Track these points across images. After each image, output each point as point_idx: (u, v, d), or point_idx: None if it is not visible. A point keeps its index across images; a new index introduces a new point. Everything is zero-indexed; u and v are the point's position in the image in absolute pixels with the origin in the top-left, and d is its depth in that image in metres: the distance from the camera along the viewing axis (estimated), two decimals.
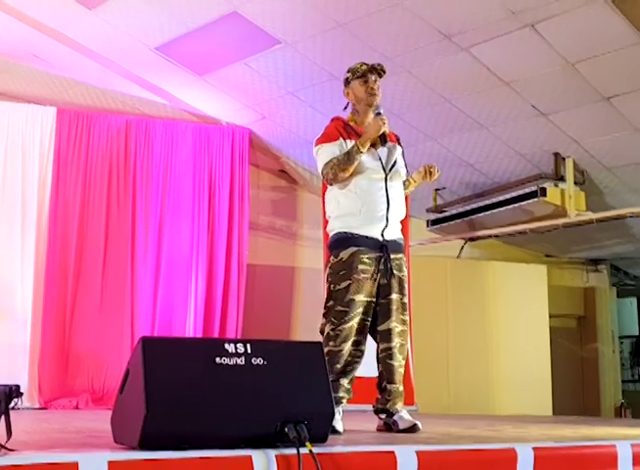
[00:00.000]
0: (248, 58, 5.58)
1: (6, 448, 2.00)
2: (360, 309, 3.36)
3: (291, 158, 7.17)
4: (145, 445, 2.07)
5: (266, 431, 2.18)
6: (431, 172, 3.57)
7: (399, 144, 3.63)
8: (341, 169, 3.36)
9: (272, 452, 2.11)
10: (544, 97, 5.57)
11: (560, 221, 6.60)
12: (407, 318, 3.48)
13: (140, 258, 6.34)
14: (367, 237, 3.39)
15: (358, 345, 3.41)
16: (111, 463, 1.92)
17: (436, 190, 7.27)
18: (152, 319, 6.29)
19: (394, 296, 3.41)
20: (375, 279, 3.38)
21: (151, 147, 6.55)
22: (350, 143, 3.41)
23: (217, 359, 2.24)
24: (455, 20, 4.81)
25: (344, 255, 3.39)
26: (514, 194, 6.57)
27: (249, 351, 2.29)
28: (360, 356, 3.45)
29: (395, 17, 4.80)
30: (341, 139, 3.45)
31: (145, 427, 2.06)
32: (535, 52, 4.99)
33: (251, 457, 2.08)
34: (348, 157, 3.35)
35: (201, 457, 2.05)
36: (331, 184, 3.47)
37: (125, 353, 5.77)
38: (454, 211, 7.20)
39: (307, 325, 7.00)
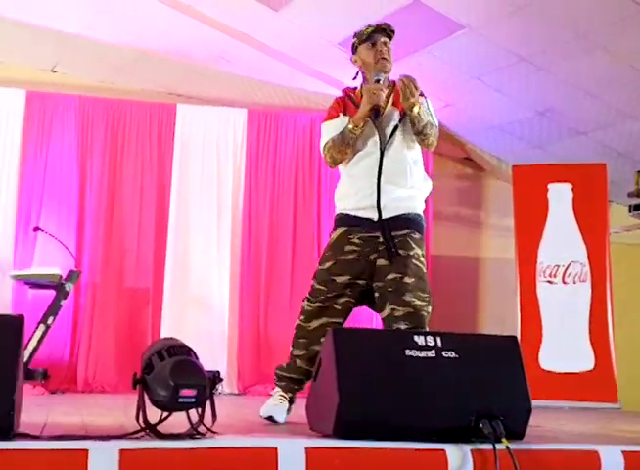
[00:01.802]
0: (430, 46, 5.53)
1: (212, 431, 2.12)
2: (344, 291, 3.08)
3: (476, 144, 7.03)
4: (339, 432, 2.11)
5: (459, 425, 2.15)
6: (406, 86, 3.00)
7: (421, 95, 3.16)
8: (337, 151, 3.12)
9: (467, 447, 2.08)
10: None
11: None
12: (414, 300, 3.00)
13: None
14: (360, 217, 3.11)
15: (332, 326, 2.98)
16: (307, 450, 1.97)
17: (638, 172, 6.79)
18: None
19: (392, 276, 3.02)
20: (368, 260, 3.08)
21: None
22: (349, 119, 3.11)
23: (407, 352, 2.24)
24: None
25: (334, 235, 3.19)
26: None
27: (439, 343, 2.27)
28: None
29: None
30: (340, 115, 3.19)
31: (338, 416, 2.10)
32: None
33: (444, 451, 2.06)
34: (342, 137, 3.08)
35: (394, 448, 2.06)
36: (331, 167, 3.27)
37: None
38: None
39: (496, 318, 6.84)
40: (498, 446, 2.04)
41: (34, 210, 5.98)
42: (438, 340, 2.28)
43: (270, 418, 2.98)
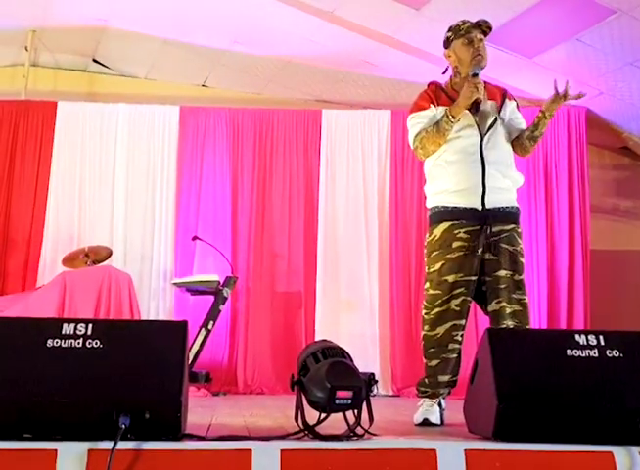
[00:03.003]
0: (580, 33, 5.31)
1: (370, 433, 2.13)
2: (459, 290, 3.00)
3: (634, 132, 6.67)
4: (499, 435, 2.07)
5: (626, 427, 2.05)
6: (565, 95, 2.98)
7: (508, 98, 3.18)
8: (430, 142, 3.06)
9: (635, 449, 1.98)
10: None
11: None
12: (524, 298, 3.00)
13: None
14: (464, 208, 3.01)
15: (457, 330, 3.03)
16: (467, 452, 1.95)
17: None
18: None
19: (503, 272, 2.99)
20: (477, 255, 2.99)
21: None
22: (442, 110, 3.04)
23: (568, 352, 2.16)
24: None
25: (438, 232, 3.06)
26: None
27: (602, 342, 2.18)
28: (459, 343, 3.03)
29: None
30: (432, 107, 3.11)
31: (498, 418, 2.06)
32: None
33: (611, 453, 1.97)
34: (438, 128, 3.02)
35: (557, 451, 1.99)
36: (422, 159, 3.15)
37: (470, 343, 5.81)
38: None
39: None
40: None
41: (192, 220, 6.28)
42: (601, 338, 2.18)
43: (425, 421, 2.95)
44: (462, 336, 3.09)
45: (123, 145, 6.34)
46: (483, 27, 3.14)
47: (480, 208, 3.03)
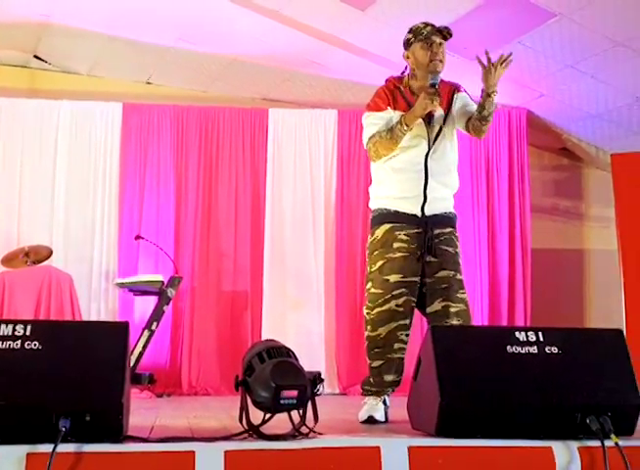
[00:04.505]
0: (521, 36, 5.40)
1: (314, 432, 2.13)
2: (400, 290, 3.05)
3: (573, 134, 6.82)
4: (442, 432, 2.09)
5: (566, 422, 2.10)
6: (493, 64, 3.05)
7: (458, 91, 3.23)
8: (383, 147, 3.10)
9: (574, 444, 2.03)
10: None
11: None
12: (466, 297, 3.12)
13: None
14: (404, 213, 3.12)
15: (402, 329, 3.08)
16: (411, 449, 1.96)
17: None
18: None
19: (445, 273, 3.08)
20: (417, 257, 3.08)
21: None
22: (398, 115, 3.09)
23: (509, 348, 2.20)
24: None
25: (379, 232, 3.15)
26: None
27: (541, 339, 2.22)
28: (404, 342, 3.10)
29: None
30: (389, 109, 3.16)
31: (441, 415, 2.08)
32: None
33: (551, 448, 2.02)
34: (392, 134, 3.06)
35: (499, 446, 2.03)
36: (374, 161, 3.22)
37: (415, 341, 5.88)
38: None
39: (602, 311, 6.61)
40: (607, 443, 1.98)
41: (135, 219, 6.19)
42: (540, 335, 2.23)
43: (370, 418, 2.97)
44: (407, 336, 3.11)
45: (65, 142, 6.21)
46: (444, 33, 3.16)
47: (419, 215, 3.12)
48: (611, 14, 4.93)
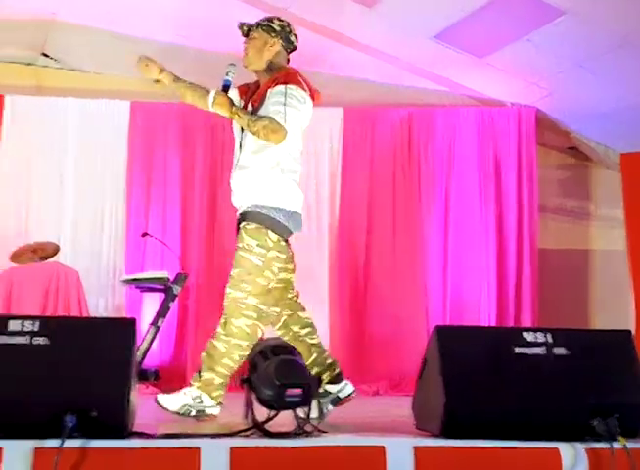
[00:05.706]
0: (530, 34, 5.38)
1: (319, 430, 2.13)
2: None
3: (581, 133, 6.79)
4: (447, 432, 2.09)
5: (573, 423, 2.09)
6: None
7: (274, 85, 3.41)
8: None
9: (581, 445, 2.02)
10: None
11: None
12: (232, 291, 3.26)
13: (428, 247, 6.41)
14: None
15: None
16: (416, 448, 1.96)
17: None
18: (442, 307, 6.33)
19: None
20: None
21: (433, 136, 6.59)
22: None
23: (516, 349, 2.19)
24: None
25: None
26: None
27: (549, 340, 2.21)
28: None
29: None
30: None
31: (446, 415, 2.08)
32: None
33: (558, 450, 2.01)
34: None
35: (505, 447, 2.02)
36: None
37: (420, 340, 5.86)
38: None
39: (609, 312, 6.58)
40: (614, 445, 1.97)
41: (142, 216, 6.19)
42: (549, 336, 2.22)
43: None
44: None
45: (72, 140, 6.21)
46: (243, 30, 3.57)
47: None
48: (621, 12, 4.91)
